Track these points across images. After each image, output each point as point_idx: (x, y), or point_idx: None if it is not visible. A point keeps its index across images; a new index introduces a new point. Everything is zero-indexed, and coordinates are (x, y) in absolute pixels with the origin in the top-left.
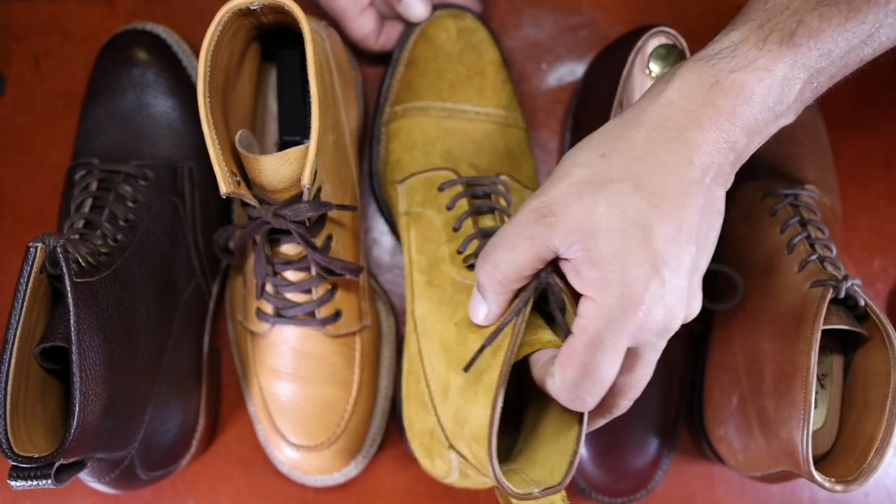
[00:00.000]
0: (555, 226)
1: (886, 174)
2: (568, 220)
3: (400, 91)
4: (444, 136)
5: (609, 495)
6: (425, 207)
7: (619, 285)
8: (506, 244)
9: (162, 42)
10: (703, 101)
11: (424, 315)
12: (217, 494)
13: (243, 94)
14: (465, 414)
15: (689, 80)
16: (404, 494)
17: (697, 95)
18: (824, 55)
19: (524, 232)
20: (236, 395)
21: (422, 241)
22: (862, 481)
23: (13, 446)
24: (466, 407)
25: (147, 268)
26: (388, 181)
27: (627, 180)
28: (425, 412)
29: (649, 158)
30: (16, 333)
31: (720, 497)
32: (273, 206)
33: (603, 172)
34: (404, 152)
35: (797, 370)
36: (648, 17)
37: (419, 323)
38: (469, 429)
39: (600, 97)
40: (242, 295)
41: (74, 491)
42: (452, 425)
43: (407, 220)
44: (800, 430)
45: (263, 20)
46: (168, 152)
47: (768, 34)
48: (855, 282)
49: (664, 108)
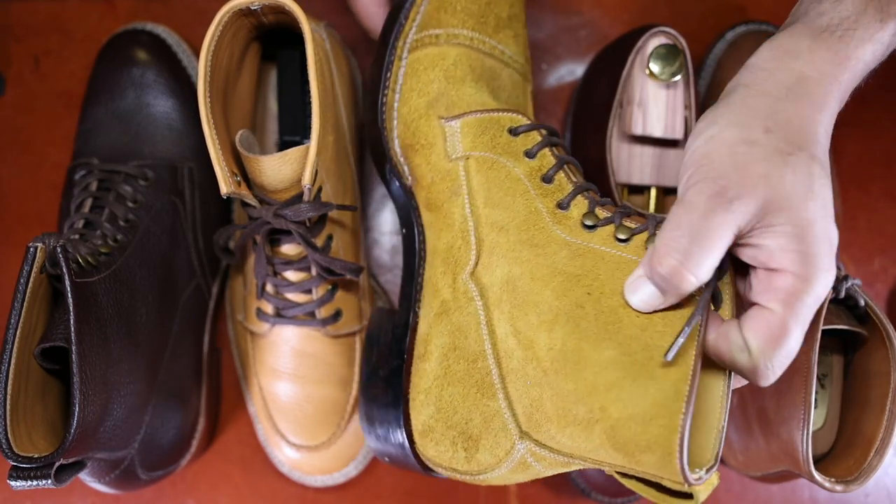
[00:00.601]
0: (741, 210)
1: (886, 174)
2: (755, 201)
3: (439, 14)
4: (489, 77)
5: (609, 495)
6: (497, 153)
7: (816, 256)
8: (701, 240)
9: (162, 42)
10: (833, 76)
11: (513, 279)
12: (217, 494)
13: (243, 94)
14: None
15: (820, 54)
16: (404, 494)
17: (828, 71)
18: None
19: (715, 222)
20: (236, 395)
21: (497, 191)
22: (862, 481)
23: (13, 446)
24: (626, 384)
25: (147, 268)
26: (421, 115)
27: (803, 151)
28: (480, 395)
29: (806, 130)
30: (16, 333)
31: (720, 497)
32: (273, 206)
33: (776, 146)
34: (451, 85)
35: (797, 370)
36: (648, 17)
37: (494, 289)
38: (623, 409)
39: (600, 97)
40: (242, 295)
41: (74, 491)
42: (560, 404)
43: (467, 166)
44: (800, 430)
45: (264, 20)
46: (168, 152)
47: (886, 4)
48: (855, 282)
49: (802, 83)
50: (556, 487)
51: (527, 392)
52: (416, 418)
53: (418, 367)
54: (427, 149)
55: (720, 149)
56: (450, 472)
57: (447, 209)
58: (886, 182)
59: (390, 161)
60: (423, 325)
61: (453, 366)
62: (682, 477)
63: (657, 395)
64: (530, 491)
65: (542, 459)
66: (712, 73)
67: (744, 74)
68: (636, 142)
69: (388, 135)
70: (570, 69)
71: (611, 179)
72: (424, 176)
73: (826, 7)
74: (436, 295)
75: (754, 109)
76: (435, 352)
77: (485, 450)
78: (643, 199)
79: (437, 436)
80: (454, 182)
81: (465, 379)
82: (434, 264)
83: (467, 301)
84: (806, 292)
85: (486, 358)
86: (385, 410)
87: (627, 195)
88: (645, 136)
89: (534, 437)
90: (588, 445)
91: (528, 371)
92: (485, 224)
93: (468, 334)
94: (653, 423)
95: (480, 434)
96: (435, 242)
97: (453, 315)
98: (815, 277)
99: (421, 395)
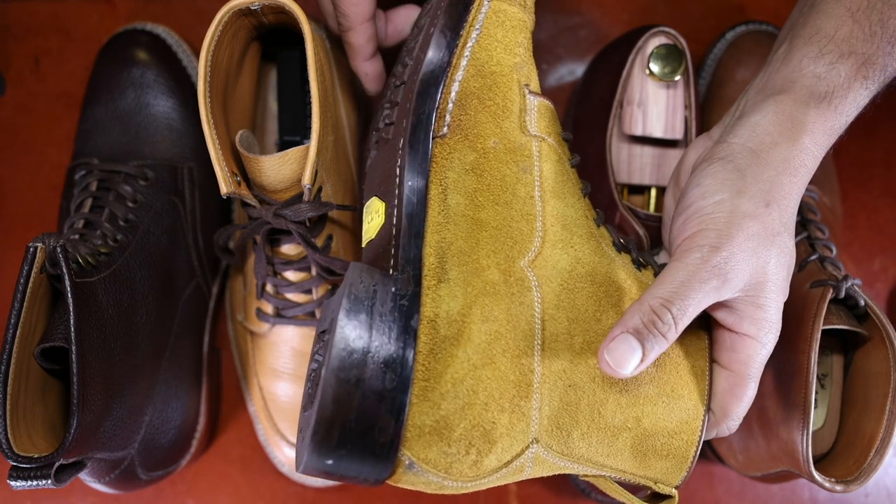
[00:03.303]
0: (733, 281)
1: (886, 174)
2: (744, 275)
3: None
4: None
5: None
6: (561, 150)
7: (775, 324)
8: (688, 298)
9: (162, 42)
10: (825, 146)
11: (575, 278)
12: (217, 494)
13: (243, 94)
14: (654, 408)
15: (819, 126)
16: (404, 495)
17: (824, 142)
18: None
19: (704, 287)
20: (236, 395)
21: (562, 185)
22: (862, 481)
23: (13, 446)
24: (661, 400)
25: (147, 268)
26: (504, 73)
27: (787, 231)
28: (517, 394)
29: (793, 206)
30: (15, 333)
31: (720, 497)
32: (273, 206)
33: (771, 225)
34: (530, 59)
35: (797, 370)
36: (648, 17)
37: (552, 283)
38: (656, 422)
39: (600, 97)
40: (242, 295)
41: (74, 491)
42: (598, 410)
43: (541, 148)
44: (800, 430)
45: (264, 20)
46: (168, 152)
47: (869, 72)
48: (855, 282)
49: (801, 155)
50: (556, 487)
51: (564, 394)
52: (431, 412)
53: (443, 350)
54: (501, 111)
55: (730, 219)
56: (440, 477)
57: (510, 184)
58: (886, 182)
59: (430, 99)
60: (454, 302)
61: (497, 357)
62: (683, 480)
63: (682, 414)
64: (530, 491)
65: (541, 463)
66: (712, 73)
67: (750, 137)
68: (636, 142)
69: (451, 72)
70: (570, 69)
71: (611, 179)
72: (486, 137)
73: (822, 70)
74: (478, 273)
75: (760, 181)
76: (476, 337)
77: (496, 454)
78: (643, 198)
79: (455, 436)
80: (526, 159)
81: (505, 375)
82: (475, 237)
83: (523, 290)
84: (762, 353)
85: (533, 355)
86: (377, 400)
87: (627, 195)
88: (645, 136)
89: (548, 441)
90: (606, 451)
91: (575, 375)
92: (550, 214)
93: (519, 325)
94: (677, 436)
95: (500, 437)
96: (477, 213)
97: (504, 301)
98: (770, 338)
99: (446, 385)
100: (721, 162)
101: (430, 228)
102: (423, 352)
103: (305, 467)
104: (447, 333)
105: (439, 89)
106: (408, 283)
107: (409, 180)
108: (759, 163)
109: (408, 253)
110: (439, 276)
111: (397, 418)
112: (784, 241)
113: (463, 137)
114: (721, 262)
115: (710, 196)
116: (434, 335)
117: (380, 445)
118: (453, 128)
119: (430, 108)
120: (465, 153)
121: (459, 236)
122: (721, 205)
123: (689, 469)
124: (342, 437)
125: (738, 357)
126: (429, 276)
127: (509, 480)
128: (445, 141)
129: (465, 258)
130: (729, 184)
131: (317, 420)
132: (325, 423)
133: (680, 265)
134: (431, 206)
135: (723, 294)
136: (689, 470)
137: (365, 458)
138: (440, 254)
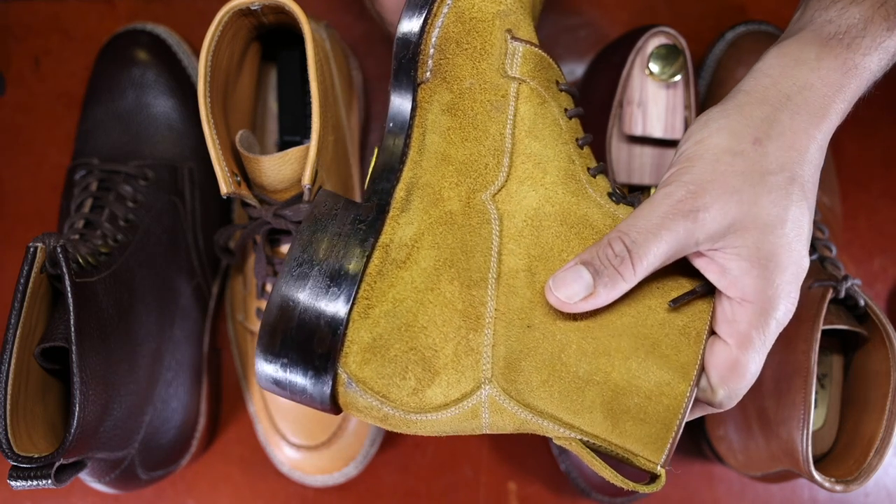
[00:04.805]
0: (705, 221)
1: (886, 174)
2: (723, 215)
3: None
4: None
5: (609, 495)
6: (549, 95)
7: (781, 284)
8: (648, 233)
9: (162, 42)
10: (838, 86)
11: (541, 216)
12: (217, 494)
13: (243, 94)
14: (627, 363)
15: (827, 62)
16: (404, 495)
17: (834, 80)
18: None
19: (668, 224)
20: (236, 395)
21: (542, 127)
22: (862, 481)
23: (13, 446)
24: (638, 356)
25: (147, 268)
26: (486, 19)
27: (784, 171)
28: (464, 325)
29: (798, 146)
30: (16, 333)
31: (720, 497)
32: (273, 206)
33: (759, 162)
34: (521, 8)
35: (797, 370)
36: (648, 17)
37: (516, 219)
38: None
39: (600, 97)
40: (242, 295)
41: (74, 491)
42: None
43: (520, 89)
44: (800, 430)
45: (264, 20)
46: (168, 152)
47: (891, 11)
48: (855, 282)
49: (805, 92)
50: (557, 487)
51: (522, 335)
52: (369, 329)
53: (389, 272)
54: (479, 54)
55: (704, 154)
56: (378, 401)
57: (481, 122)
58: (886, 182)
59: (414, 46)
60: (409, 228)
61: (443, 284)
62: (666, 455)
63: (665, 375)
64: (530, 491)
65: (499, 412)
66: (712, 73)
67: (747, 80)
68: (636, 142)
69: (431, 20)
70: (570, 69)
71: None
72: (462, 79)
73: (833, 14)
74: (437, 203)
75: (749, 118)
76: (423, 261)
77: (440, 386)
78: None
79: (390, 355)
80: (501, 99)
81: (451, 302)
82: (441, 171)
83: (481, 222)
84: (765, 324)
85: (486, 287)
86: (318, 311)
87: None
88: (645, 136)
89: (504, 384)
90: (572, 406)
91: (534, 315)
92: (522, 152)
93: (473, 256)
94: (657, 399)
95: (444, 367)
96: (447, 149)
97: (459, 230)
98: (775, 307)
99: (387, 305)
100: (712, 108)
101: (408, 167)
102: (371, 273)
103: (258, 378)
104: (396, 257)
105: (420, 35)
106: (370, 211)
107: (390, 121)
108: (751, 101)
109: (378, 185)
110: (403, 206)
111: (334, 332)
112: (780, 183)
113: (442, 80)
114: (688, 196)
115: (693, 136)
116: (385, 258)
117: (318, 356)
118: (434, 72)
119: (411, 53)
120: (443, 94)
121: (428, 171)
122: (699, 144)
123: (671, 443)
124: (283, 343)
125: (738, 328)
126: (395, 209)
127: (467, 427)
128: (427, 86)
129: (428, 190)
130: (712, 123)
131: (262, 326)
132: (269, 328)
133: (646, 203)
134: (413, 146)
135: (697, 237)
136: (672, 444)
137: (306, 369)
138: (409, 188)
